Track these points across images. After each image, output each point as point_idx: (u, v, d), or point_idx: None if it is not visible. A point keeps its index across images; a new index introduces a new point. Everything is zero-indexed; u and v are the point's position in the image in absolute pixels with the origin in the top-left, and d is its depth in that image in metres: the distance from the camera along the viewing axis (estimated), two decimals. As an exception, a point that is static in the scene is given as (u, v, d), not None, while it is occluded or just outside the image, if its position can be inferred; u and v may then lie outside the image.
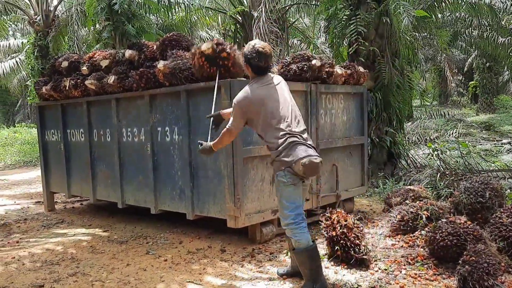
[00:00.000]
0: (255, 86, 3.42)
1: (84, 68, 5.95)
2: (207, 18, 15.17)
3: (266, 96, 3.37)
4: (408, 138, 11.29)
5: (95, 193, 6.23)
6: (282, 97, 3.42)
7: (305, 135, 3.39)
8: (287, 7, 14.02)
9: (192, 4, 13.48)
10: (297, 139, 3.29)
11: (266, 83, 3.44)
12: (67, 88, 6.13)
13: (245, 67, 3.54)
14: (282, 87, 3.50)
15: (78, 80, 6.04)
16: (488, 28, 13.84)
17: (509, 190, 5.75)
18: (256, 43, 3.45)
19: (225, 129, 3.51)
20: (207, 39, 16.08)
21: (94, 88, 5.80)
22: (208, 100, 4.64)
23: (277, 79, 3.55)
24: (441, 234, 3.78)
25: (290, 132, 3.29)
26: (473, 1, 11.80)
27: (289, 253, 4.30)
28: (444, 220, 4.00)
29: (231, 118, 3.47)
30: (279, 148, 3.27)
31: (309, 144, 3.35)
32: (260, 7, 10.71)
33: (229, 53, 4.44)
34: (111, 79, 5.52)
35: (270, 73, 3.57)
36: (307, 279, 3.38)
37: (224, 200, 4.57)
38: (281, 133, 3.29)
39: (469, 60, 24.03)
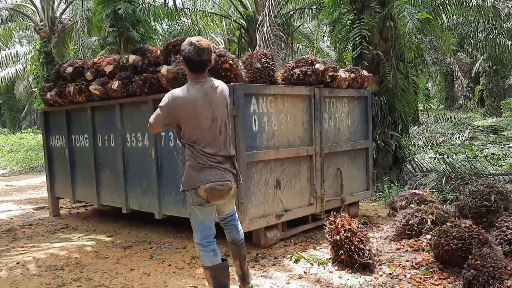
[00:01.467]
0: (187, 89, 3.12)
1: (88, 73, 5.98)
2: (212, 24, 15.22)
3: (194, 105, 3.08)
4: (414, 142, 11.24)
5: (100, 198, 6.24)
6: (209, 112, 3.10)
7: (220, 158, 3.14)
8: (291, 12, 14.06)
9: (197, 10, 13.56)
10: (209, 162, 3.11)
11: (201, 90, 3.11)
12: (71, 93, 6.16)
13: (183, 65, 3.26)
14: (217, 99, 3.16)
15: (83, 86, 6.06)
16: (495, 31, 13.78)
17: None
18: (193, 38, 3.17)
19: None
20: (212, 45, 16.15)
21: (98, 93, 5.82)
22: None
23: (219, 88, 3.20)
24: (446, 238, 3.74)
25: (204, 154, 3.11)
26: (478, 3, 11.75)
27: (293, 257, 4.29)
28: (449, 224, 3.97)
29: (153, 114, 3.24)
30: (190, 167, 3.15)
31: (222, 168, 3.14)
32: (264, 11, 10.75)
33: (232, 64, 4.47)
34: (115, 84, 5.54)
35: (213, 79, 3.24)
36: None
37: (227, 204, 4.55)
38: (195, 152, 3.13)
39: (476, 64, 23.93)
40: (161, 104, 3.18)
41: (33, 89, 14.54)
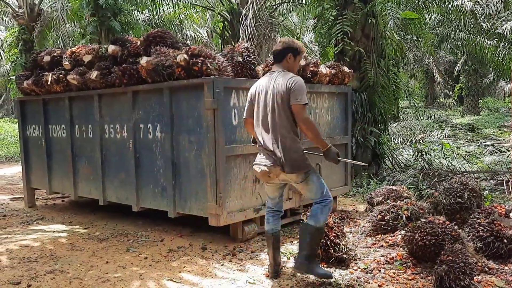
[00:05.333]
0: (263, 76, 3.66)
1: (67, 63, 5.86)
2: (195, 15, 15.06)
3: (258, 91, 3.57)
4: (393, 138, 11.39)
5: (77, 189, 6.16)
6: (264, 98, 3.50)
7: (267, 142, 3.47)
8: (275, 6, 14.02)
9: (180, 1, 13.40)
10: (259, 147, 3.57)
11: (267, 76, 3.58)
12: (48, 83, 6.04)
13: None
14: (273, 86, 3.46)
15: (60, 75, 5.95)
16: (474, 31, 14.02)
17: (488, 191, 5.82)
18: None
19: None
20: (195, 37, 16.01)
21: (76, 83, 5.73)
22: (191, 97, 4.63)
23: (277, 75, 3.50)
24: (420, 234, 3.81)
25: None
26: (458, 5, 11.96)
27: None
28: (423, 220, 4.03)
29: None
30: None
31: (268, 151, 3.46)
32: (248, 4, 10.71)
33: (201, 66, 4.44)
34: (94, 74, 5.46)
35: (279, 68, 3.55)
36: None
37: (206, 198, 4.55)
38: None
39: (458, 64, 24.30)
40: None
41: (11, 77, 14.17)
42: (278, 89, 3.40)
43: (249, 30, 10.35)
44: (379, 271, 3.77)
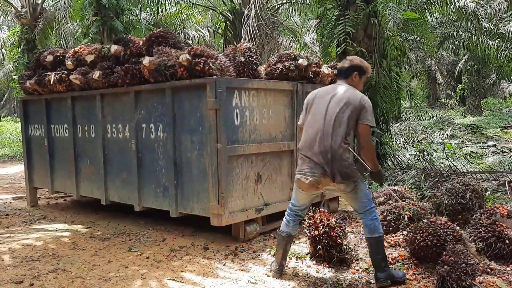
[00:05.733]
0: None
1: (69, 62, 5.88)
2: (197, 15, 15.06)
3: (317, 98, 3.59)
4: (395, 139, 11.37)
5: (79, 189, 6.17)
6: (326, 106, 3.49)
7: (317, 150, 3.43)
8: (277, 6, 14.02)
9: (182, 0, 13.40)
10: (303, 156, 3.52)
11: (331, 87, 3.66)
12: (51, 82, 6.05)
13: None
14: (342, 97, 3.48)
15: (63, 75, 5.97)
16: (477, 31, 13.99)
17: (490, 192, 5.81)
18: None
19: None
20: (197, 37, 16.01)
21: (79, 83, 5.74)
22: (193, 97, 4.64)
23: (346, 88, 3.54)
24: (421, 235, 3.81)
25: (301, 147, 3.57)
26: (460, 6, 11.95)
27: (272, 251, 4.32)
28: (425, 220, 4.03)
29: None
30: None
31: (317, 160, 3.42)
32: (250, 5, 10.70)
33: (203, 66, 4.45)
34: (96, 74, 5.47)
35: (343, 83, 3.60)
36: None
37: (208, 198, 4.56)
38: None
39: (459, 64, 24.26)
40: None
41: (13, 76, 14.20)
42: (350, 101, 3.41)
43: (251, 30, 10.35)
44: (381, 271, 3.77)
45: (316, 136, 3.45)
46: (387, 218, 4.67)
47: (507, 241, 3.86)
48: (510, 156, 9.74)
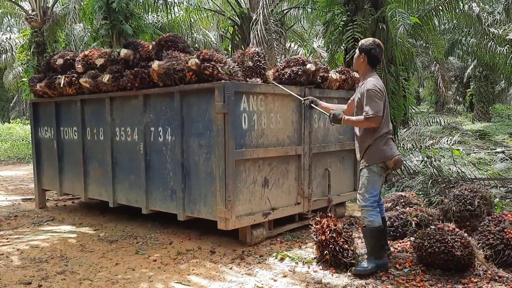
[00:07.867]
0: (377, 78, 3.85)
1: (79, 66, 5.94)
2: (205, 19, 15.13)
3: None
4: (403, 144, 11.34)
5: (87, 191, 6.22)
6: None
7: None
8: (285, 11, 14.06)
9: (190, 4, 13.48)
10: (392, 138, 3.86)
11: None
12: (61, 85, 6.12)
13: (359, 59, 3.88)
14: None
15: (73, 78, 6.03)
16: (485, 36, 13.94)
17: (498, 199, 5.78)
18: (375, 39, 3.93)
19: (362, 117, 3.74)
20: (205, 42, 16.08)
21: (89, 86, 5.80)
22: (201, 101, 4.67)
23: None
24: (429, 241, 3.79)
25: (389, 131, 3.84)
26: (466, 10, 11.92)
27: (278, 256, 4.31)
28: (432, 227, 4.01)
29: (369, 106, 3.66)
30: (380, 142, 3.77)
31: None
32: (258, 9, 10.74)
33: (212, 70, 4.48)
34: (106, 77, 5.52)
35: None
36: (370, 254, 3.88)
37: (215, 201, 4.57)
38: (387, 129, 3.81)
39: (468, 70, 24.12)
40: (376, 94, 3.68)
41: (23, 79, 14.35)
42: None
43: (259, 35, 10.38)
44: (388, 277, 3.76)
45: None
46: (395, 224, 4.66)
47: (515, 248, 3.83)
48: (519, 163, 9.66)
